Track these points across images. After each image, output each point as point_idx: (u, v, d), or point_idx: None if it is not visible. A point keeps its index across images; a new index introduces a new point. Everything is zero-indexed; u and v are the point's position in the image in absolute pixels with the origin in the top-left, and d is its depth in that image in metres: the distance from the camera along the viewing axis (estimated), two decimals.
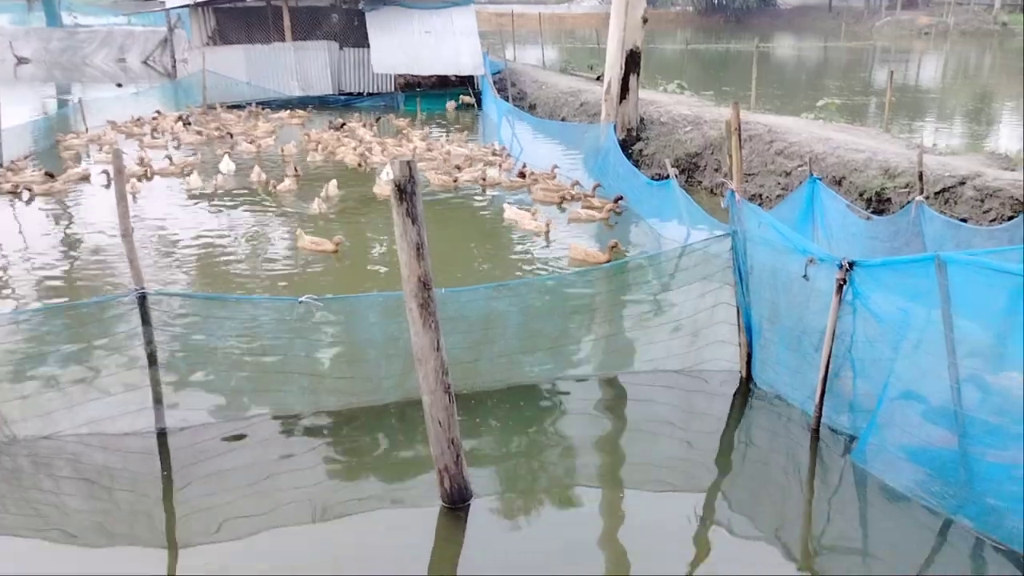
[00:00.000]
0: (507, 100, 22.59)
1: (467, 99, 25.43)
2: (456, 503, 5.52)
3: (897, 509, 5.50)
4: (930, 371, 5.33)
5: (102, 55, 41.11)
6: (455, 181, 14.81)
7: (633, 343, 8.01)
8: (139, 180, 14.90)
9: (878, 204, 10.87)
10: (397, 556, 5.23)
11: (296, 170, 15.21)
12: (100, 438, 6.31)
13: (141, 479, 5.96)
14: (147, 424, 6.39)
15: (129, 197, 13.33)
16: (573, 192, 13.74)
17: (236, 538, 5.36)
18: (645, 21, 15.92)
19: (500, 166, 16.06)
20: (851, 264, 5.82)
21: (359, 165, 16.56)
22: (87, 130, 19.77)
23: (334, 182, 13.91)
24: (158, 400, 6.37)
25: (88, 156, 17.64)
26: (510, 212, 12.53)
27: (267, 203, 13.70)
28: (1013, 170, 10.55)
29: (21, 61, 39.69)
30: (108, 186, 14.60)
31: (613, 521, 5.57)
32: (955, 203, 9.99)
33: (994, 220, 9.38)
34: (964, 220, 9.45)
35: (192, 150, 18.34)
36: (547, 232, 11.67)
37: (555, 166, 15.31)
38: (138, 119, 21.18)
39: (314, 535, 5.38)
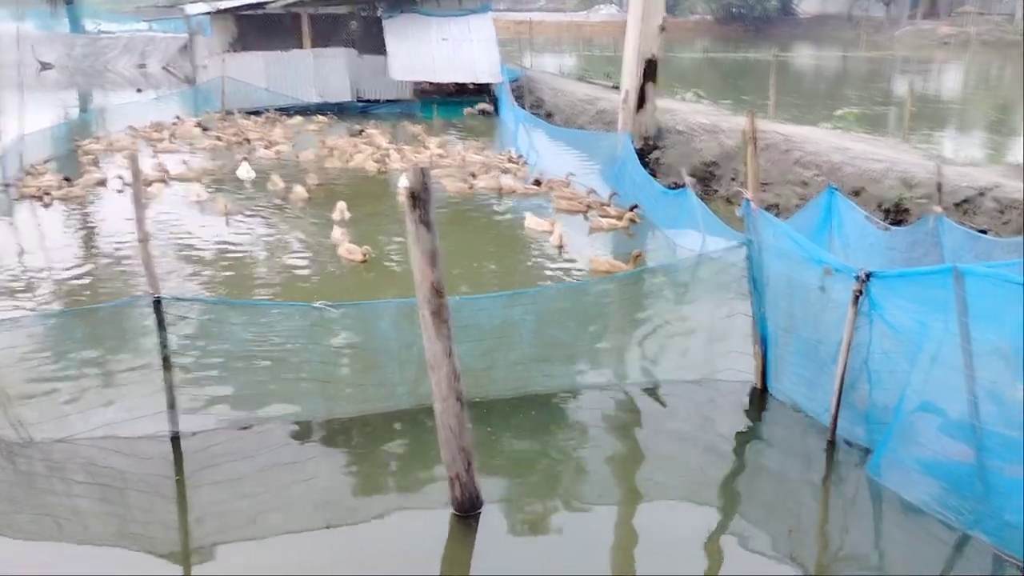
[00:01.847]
0: (524, 108, 22.62)
1: (484, 107, 25.49)
2: (467, 511, 5.51)
3: (912, 523, 5.43)
4: (947, 384, 5.27)
5: (123, 61, 41.55)
6: (471, 188, 14.83)
7: (648, 353, 7.98)
8: (159, 183, 14.99)
9: (896, 215, 10.79)
10: (407, 562, 5.22)
11: (317, 178, 15.27)
12: (114, 442, 6.33)
13: (154, 483, 5.98)
14: (161, 428, 6.41)
15: (147, 201, 13.54)
16: (589, 200, 13.72)
17: (247, 541, 5.37)
18: (663, 30, 15.91)
19: (515, 174, 16.07)
20: (868, 275, 5.77)
21: (379, 171, 16.64)
22: (107, 135, 19.96)
23: (342, 204, 12.86)
24: (172, 404, 6.39)
25: (110, 160, 17.80)
26: (531, 222, 12.52)
27: (284, 211, 13.74)
28: None
29: (44, 67, 40.16)
30: (122, 191, 14.72)
31: (625, 532, 5.54)
32: (974, 214, 9.91)
33: (1014, 232, 9.28)
34: (983, 231, 9.35)
35: (210, 156, 18.48)
36: (560, 247, 11.61)
37: (570, 174, 15.31)
38: (158, 124, 21.38)
39: (325, 540, 5.38)
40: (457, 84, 26.60)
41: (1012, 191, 9.82)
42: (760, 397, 7.20)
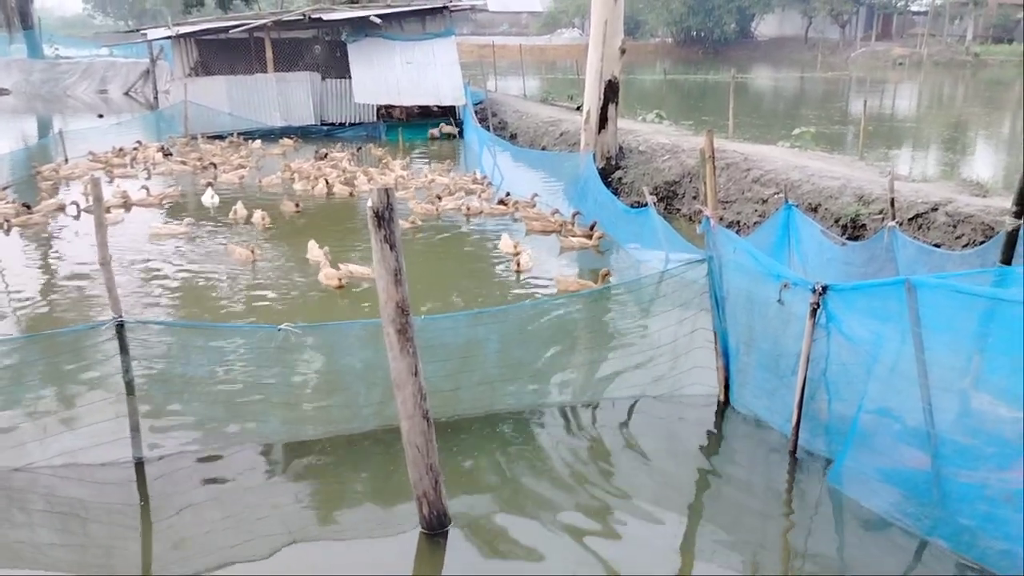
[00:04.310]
0: (488, 130, 22.78)
1: (449, 129, 25.64)
2: (435, 529, 5.51)
3: (873, 531, 5.53)
4: (902, 393, 5.40)
5: (83, 87, 41.21)
6: (437, 210, 14.87)
7: (613, 369, 8.03)
8: (118, 209, 14.86)
9: (853, 230, 11.02)
10: None
11: (297, 205, 15.14)
12: (75, 469, 6.24)
13: (117, 510, 5.90)
14: (124, 454, 6.33)
15: (110, 226, 13.36)
16: (560, 220, 13.83)
17: (213, 568, 5.31)
18: (623, 52, 16.16)
19: (480, 195, 16.16)
20: (824, 288, 5.90)
21: (351, 195, 16.61)
22: (67, 161, 19.74)
23: (312, 243, 12.16)
24: (135, 429, 6.32)
25: (67, 187, 17.59)
26: (504, 243, 12.56)
27: (249, 236, 13.65)
28: (984, 196, 10.73)
29: (1, 92, 39.64)
30: (77, 217, 14.54)
31: (592, 548, 5.55)
32: (928, 229, 10.15)
33: (966, 245, 9.52)
34: (937, 245, 9.59)
35: (173, 180, 18.31)
36: (519, 271, 11.57)
37: (535, 194, 15.44)
38: (119, 150, 21.18)
39: (292, 563, 5.34)
40: (421, 107, 26.75)
41: (964, 206, 10.08)
42: (724, 410, 7.30)
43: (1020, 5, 56.83)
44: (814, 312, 5.97)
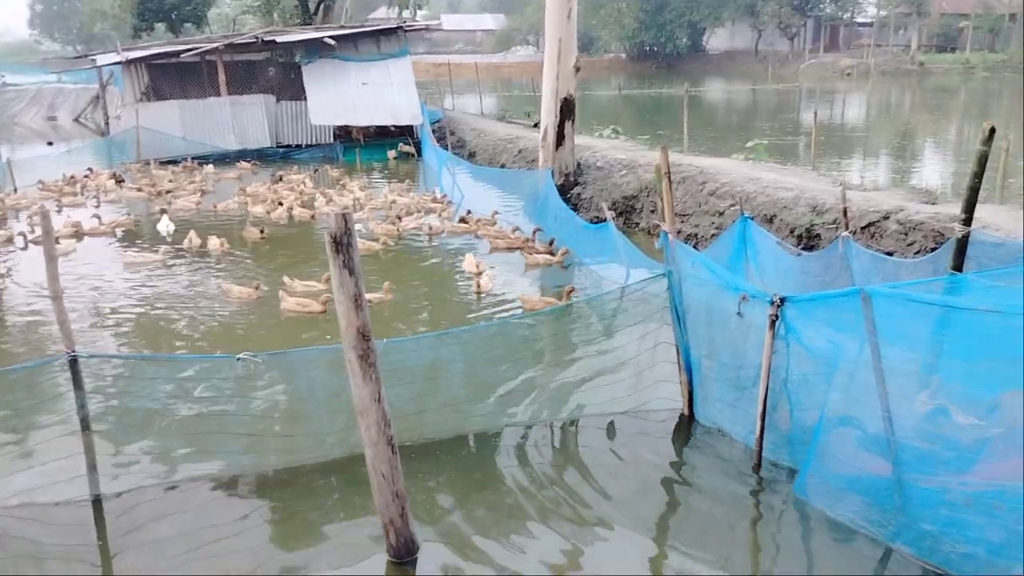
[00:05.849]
0: (447, 148, 22.80)
1: (407, 148, 25.60)
2: (403, 556, 5.44)
3: (839, 540, 5.58)
4: (862, 401, 5.47)
5: (32, 114, 40.52)
6: (398, 231, 14.79)
7: (578, 387, 8.03)
8: (69, 240, 14.56)
9: (808, 240, 11.20)
10: None
11: (261, 231, 14.88)
12: (30, 510, 6.06)
13: (75, 551, 5.73)
14: (81, 492, 6.16)
15: (61, 257, 13.09)
16: (513, 236, 13.85)
17: None
18: (578, 70, 16.31)
19: (440, 214, 16.14)
20: (782, 300, 5.97)
21: (312, 217, 16.44)
22: (15, 190, 19.32)
23: (285, 276, 11.69)
24: (92, 466, 6.16)
25: (16, 217, 17.21)
26: (468, 262, 12.52)
27: (205, 262, 13.46)
28: (934, 204, 10.97)
29: None
30: (25, 248, 14.24)
31: (563, 568, 5.54)
32: (881, 237, 10.34)
33: (918, 252, 9.72)
34: (890, 253, 9.77)
35: (125, 208, 18.00)
36: (479, 293, 11.54)
37: (495, 212, 15.46)
38: (71, 178, 20.78)
39: None
40: (379, 127, 26.70)
41: (914, 213, 10.30)
42: (688, 424, 7.33)
43: (962, 15, 58.63)
44: (773, 323, 6.03)
